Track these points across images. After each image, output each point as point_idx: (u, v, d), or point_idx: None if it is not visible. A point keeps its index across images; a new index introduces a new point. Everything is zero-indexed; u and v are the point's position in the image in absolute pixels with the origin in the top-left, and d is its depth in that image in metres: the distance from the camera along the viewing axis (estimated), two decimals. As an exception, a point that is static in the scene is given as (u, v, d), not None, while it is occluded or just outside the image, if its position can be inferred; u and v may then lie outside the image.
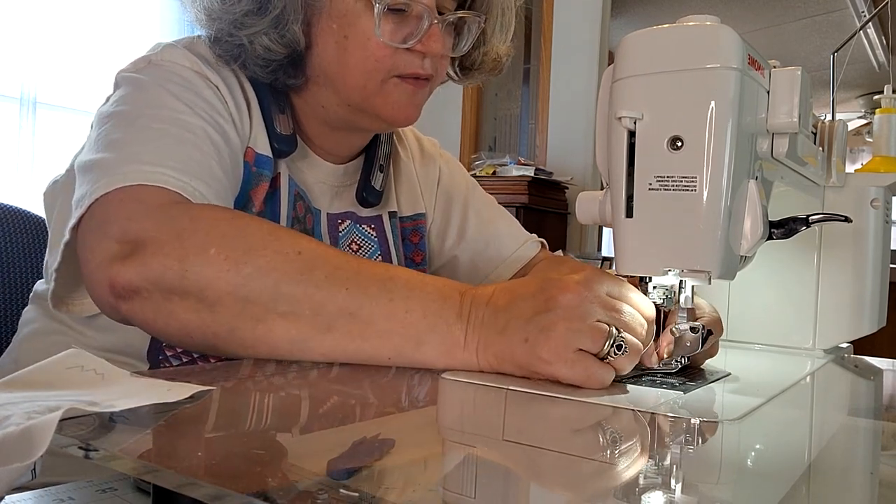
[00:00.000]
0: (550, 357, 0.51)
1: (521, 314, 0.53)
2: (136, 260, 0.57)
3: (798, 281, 0.82)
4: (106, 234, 0.59)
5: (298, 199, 0.79)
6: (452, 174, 1.00)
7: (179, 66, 0.72)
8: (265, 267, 0.56)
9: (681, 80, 0.52)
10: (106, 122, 0.68)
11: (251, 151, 0.75)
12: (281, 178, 0.77)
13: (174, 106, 0.68)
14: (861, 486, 0.39)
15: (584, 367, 0.51)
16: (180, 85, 0.70)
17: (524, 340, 0.52)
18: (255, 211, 0.74)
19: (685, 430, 0.44)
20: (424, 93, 0.77)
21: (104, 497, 0.43)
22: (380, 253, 0.87)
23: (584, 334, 0.51)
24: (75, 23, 2.66)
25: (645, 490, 0.33)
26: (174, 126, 0.66)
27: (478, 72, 0.88)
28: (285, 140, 0.77)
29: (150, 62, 0.72)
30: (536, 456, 0.38)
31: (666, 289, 0.58)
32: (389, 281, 0.56)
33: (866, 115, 5.31)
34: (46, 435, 0.33)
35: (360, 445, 0.39)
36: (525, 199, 2.82)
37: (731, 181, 0.52)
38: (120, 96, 0.70)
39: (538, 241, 0.99)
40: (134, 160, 0.62)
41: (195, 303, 0.56)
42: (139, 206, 0.60)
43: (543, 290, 0.54)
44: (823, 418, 0.56)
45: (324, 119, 0.80)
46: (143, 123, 0.66)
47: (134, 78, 0.71)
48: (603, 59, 3.21)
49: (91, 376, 0.45)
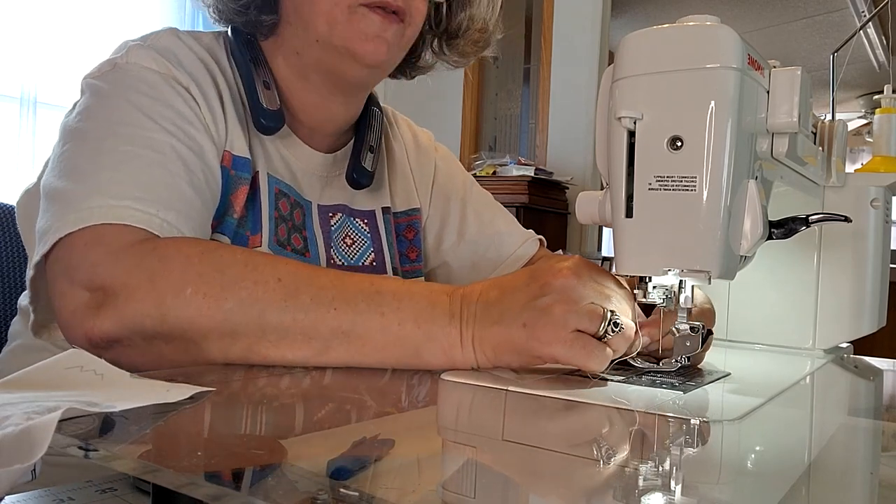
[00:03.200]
0: (549, 338, 0.51)
1: (515, 303, 0.54)
2: (111, 309, 0.55)
3: (798, 281, 0.82)
4: (73, 280, 0.57)
5: (281, 197, 0.77)
6: (449, 171, 0.98)
7: (146, 69, 0.69)
8: (247, 299, 0.55)
9: (681, 80, 0.52)
10: (70, 140, 0.65)
11: (228, 155, 0.72)
12: (259, 178, 0.75)
13: (140, 122, 0.65)
14: (861, 486, 0.39)
15: (581, 346, 0.51)
16: (147, 95, 0.67)
17: (522, 325, 0.53)
18: (237, 217, 0.72)
19: (685, 431, 0.44)
20: (396, 31, 0.73)
21: (104, 497, 0.43)
22: (372, 249, 0.85)
23: (581, 315, 0.52)
24: (75, 23, 2.66)
25: (645, 490, 0.33)
26: (140, 147, 0.63)
27: (463, 41, 0.86)
28: (272, 116, 0.74)
29: (115, 66, 0.69)
30: (536, 456, 0.38)
31: (666, 289, 0.58)
32: (377, 295, 0.56)
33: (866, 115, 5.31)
34: (46, 435, 0.33)
35: (360, 446, 0.39)
36: (525, 199, 2.82)
37: (731, 181, 0.52)
38: (84, 108, 0.67)
39: (537, 238, 0.99)
40: (98, 192, 0.60)
41: (181, 343, 0.55)
42: (103, 249, 0.57)
43: (536, 278, 0.55)
44: (823, 418, 0.56)
45: (303, 74, 0.77)
46: (109, 146, 0.63)
47: (98, 87, 0.68)
48: (603, 59, 3.21)
49: (90, 377, 0.45)
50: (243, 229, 0.73)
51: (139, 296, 0.55)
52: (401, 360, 0.56)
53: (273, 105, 0.74)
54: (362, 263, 0.83)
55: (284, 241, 0.76)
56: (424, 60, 0.89)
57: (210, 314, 0.54)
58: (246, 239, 0.73)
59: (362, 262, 0.83)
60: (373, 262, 0.84)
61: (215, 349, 0.55)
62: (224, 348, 0.55)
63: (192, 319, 0.54)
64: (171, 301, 0.54)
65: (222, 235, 0.71)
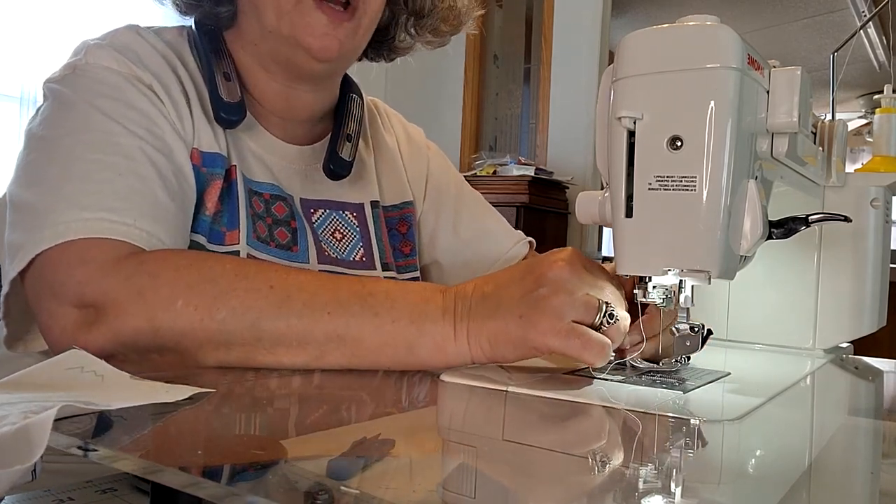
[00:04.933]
0: (545, 329, 0.51)
1: (511, 296, 0.54)
2: (103, 326, 0.55)
3: (798, 281, 0.82)
4: (60, 299, 0.57)
5: (252, 195, 0.74)
6: (442, 169, 0.97)
7: (106, 70, 0.67)
8: (239, 308, 0.54)
9: (680, 80, 0.52)
10: (35, 149, 0.64)
11: (196, 152, 0.70)
12: (236, 172, 0.73)
13: (106, 128, 0.63)
14: (861, 486, 0.38)
15: (577, 336, 0.51)
16: (110, 98, 0.65)
17: (518, 317, 0.52)
18: (210, 213, 0.70)
19: (685, 431, 0.44)
20: (346, 28, 0.72)
21: (104, 497, 0.43)
22: (361, 244, 0.82)
23: (577, 306, 0.52)
24: (76, 23, 2.66)
25: (645, 490, 0.33)
26: (109, 154, 0.62)
27: (432, 20, 0.84)
28: (232, 108, 0.71)
29: (74, 69, 0.67)
30: (536, 457, 0.38)
31: (666, 289, 0.58)
32: (370, 297, 0.56)
33: (866, 115, 5.31)
34: (44, 434, 0.33)
35: (360, 446, 0.39)
36: (525, 199, 2.82)
37: (731, 181, 0.52)
38: (47, 116, 0.66)
39: (527, 240, 0.98)
40: (71, 205, 0.59)
41: (176, 355, 0.55)
42: (88, 266, 0.56)
43: (531, 271, 0.55)
44: (823, 419, 0.56)
45: (263, 64, 0.76)
46: (76, 154, 0.62)
47: (59, 92, 0.66)
48: (603, 59, 3.21)
49: (90, 377, 0.45)
50: (218, 225, 0.71)
51: (130, 311, 0.54)
52: (395, 359, 0.56)
53: (233, 97, 0.72)
54: (353, 259, 0.81)
55: (266, 238, 0.74)
56: (401, 41, 0.87)
57: (203, 325, 0.54)
58: (222, 235, 0.71)
59: (353, 258, 0.81)
60: (363, 258, 0.82)
61: (211, 359, 0.55)
62: (220, 358, 0.55)
63: (184, 332, 0.54)
64: (162, 315, 0.54)
65: (198, 235, 0.69)
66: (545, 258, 0.56)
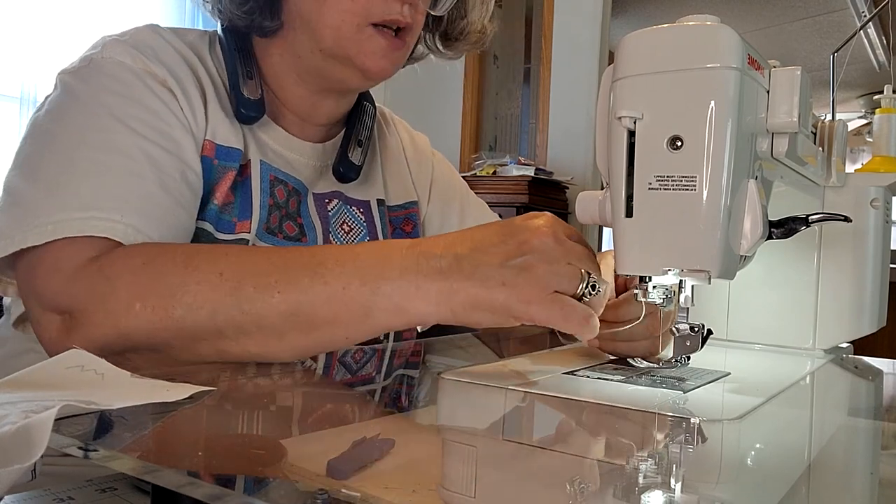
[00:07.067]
0: (530, 298, 0.51)
1: (490, 260, 0.53)
2: (80, 332, 0.56)
3: (798, 281, 0.82)
4: (43, 306, 0.59)
5: (277, 184, 0.76)
6: (446, 174, 0.98)
7: (120, 65, 0.68)
8: (193, 303, 0.54)
9: (680, 79, 0.52)
10: (39, 141, 0.65)
11: (210, 144, 0.71)
12: (252, 166, 0.74)
13: (109, 127, 0.64)
14: (861, 485, 0.39)
15: (560, 307, 0.51)
16: (119, 95, 0.66)
17: (501, 284, 0.52)
18: (219, 203, 0.71)
19: (685, 430, 0.44)
20: (401, 53, 0.75)
21: (104, 497, 0.43)
22: (368, 239, 0.83)
23: (562, 276, 0.52)
24: (76, 23, 2.66)
25: (645, 489, 0.33)
26: (107, 153, 0.63)
27: (463, 43, 0.87)
28: (252, 105, 0.74)
29: (90, 62, 0.68)
30: (536, 455, 0.38)
31: (666, 288, 0.58)
32: (319, 266, 0.54)
33: (866, 115, 5.31)
34: (44, 434, 0.33)
35: (360, 445, 0.39)
36: (525, 199, 2.82)
37: (731, 181, 0.52)
38: (54, 107, 0.67)
39: None
40: (61, 205, 0.60)
41: (151, 353, 0.56)
42: (60, 274, 0.58)
43: (513, 235, 0.54)
44: (823, 418, 0.56)
45: (299, 74, 0.77)
46: (78, 154, 0.63)
47: (71, 85, 0.68)
48: (603, 59, 3.21)
49: (91, 376, 0.45)
50: (228, 215, 0.72)
51: (97, 320, 0.55)
52: (354, 328, 0.54)
53: (254, 95, 0.74)
54: None
55: (275, 229, 0.75)
56: (417, 53, 0.89)
57: (164, 325, 0.54)
58: (232, 225, 0.72)
59: None
60: None
61: (185, 353, 0.55)
62: (193, 351, 0.55)
63: (149, 333, 0.55)
64: (124, 321, 0.55)
65: (205, 222, 0.70)
66: (525, 223, 0.54)
